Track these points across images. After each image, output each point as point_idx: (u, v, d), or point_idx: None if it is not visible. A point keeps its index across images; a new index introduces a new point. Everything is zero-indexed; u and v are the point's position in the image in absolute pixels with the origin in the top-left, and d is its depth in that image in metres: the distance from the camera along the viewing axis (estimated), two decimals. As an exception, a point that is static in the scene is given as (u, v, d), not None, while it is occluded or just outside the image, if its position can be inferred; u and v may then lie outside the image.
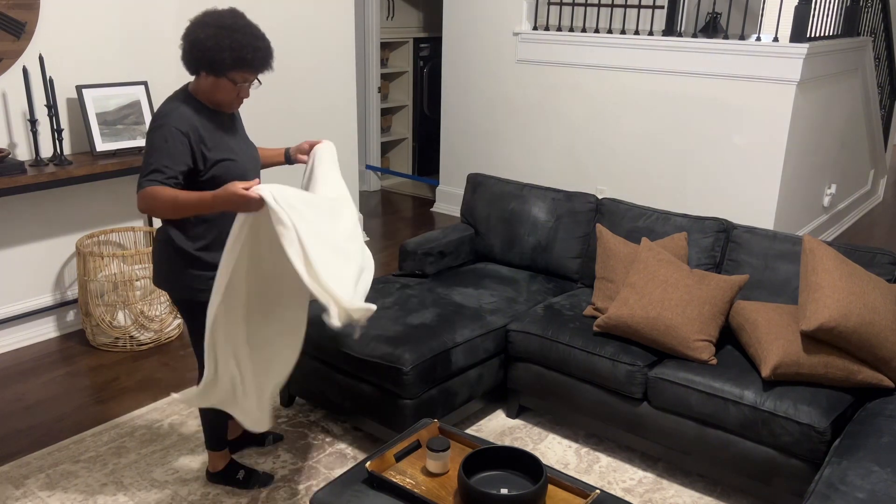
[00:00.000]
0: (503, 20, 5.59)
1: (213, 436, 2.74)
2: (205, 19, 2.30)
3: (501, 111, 5.76)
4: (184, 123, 2.31)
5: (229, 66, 2.30)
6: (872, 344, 2.53)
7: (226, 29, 2.27)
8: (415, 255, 3.60)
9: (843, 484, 2.09)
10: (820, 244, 2.68)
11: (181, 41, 2.31)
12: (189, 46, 2.29)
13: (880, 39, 6.32)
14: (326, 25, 4.97)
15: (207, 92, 2.37)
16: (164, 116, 2.32)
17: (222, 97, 2.38)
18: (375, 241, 5.59)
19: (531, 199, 3.69)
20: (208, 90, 2.37)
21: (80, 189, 3.92)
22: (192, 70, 2.34)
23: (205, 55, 2.27)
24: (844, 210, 6.24)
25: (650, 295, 2.87)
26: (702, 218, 3.29)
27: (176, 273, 2.43)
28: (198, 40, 2.27)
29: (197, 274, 2.42)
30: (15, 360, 3.69)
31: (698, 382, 2.71)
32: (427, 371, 2.84)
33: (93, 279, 3.68)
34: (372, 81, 6.70)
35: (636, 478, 2.92)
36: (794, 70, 4.43)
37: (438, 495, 2.07)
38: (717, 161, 4.83)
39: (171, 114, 2.32)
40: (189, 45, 2.29)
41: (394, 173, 7.28)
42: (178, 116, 2.32)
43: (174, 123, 2.30)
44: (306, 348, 3.07)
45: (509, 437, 3.16)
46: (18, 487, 2.77)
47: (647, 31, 5.09)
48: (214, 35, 2.26)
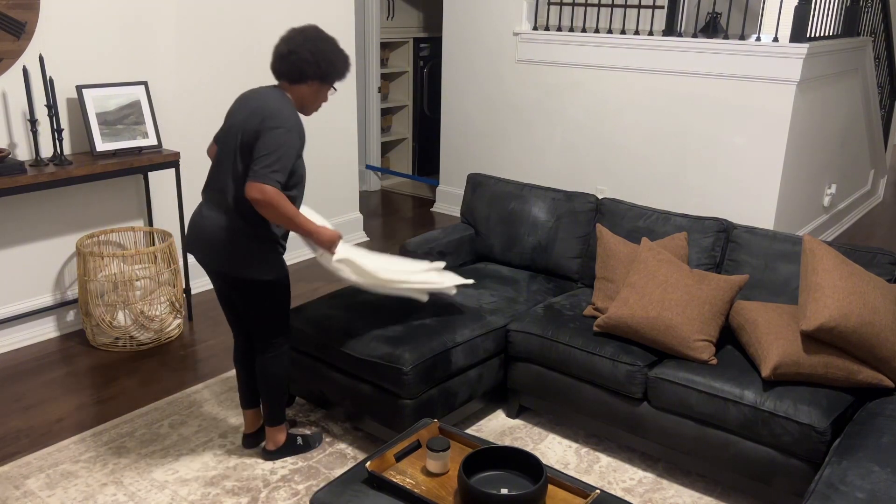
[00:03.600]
0: (503, 20, 5.59)
1: (281, 408, 2.89)
2: (320, 34, 2.62)
3: (501, 111, 5.76)
4: (302, 130, 2.58)
5: (339, 75, 2.64)
6: (872, 344, 2.53)
7: (336, 43, 2.64)
8: (415, 255, 3.60)
9: (843, 484, 2.09)
10: (820, 244, 2.68)
11: (293, 52, 2.56)
12: (313, 58, 2.56)
13: (880, 39, 6.32)
14: (326, 25, 4.95)
15: (306, 98, 2.64)
16: (291, 120, 2.53)
17: (319, 103, 2.69)
18: (375, 241, 5.60)
19: (531, 199, 3.69)
20: (307, 96, 2.64)
21: (80, 189, 3.92)
22: (299, 78, 2.59)
23: (325, 66, 2.57)
24: (844, 210, 6.24)
25: (650, 295, 2.87)
26: (702, 218, 3.29)
27: (263, 257, 2.62)
28: (322, 52, 2.57)
29: (279, 257, 2.68)
30: (15, 360, 3.69)
31: (698, 382, 2.71)
32: (427, 371, 2.84)
33: (93, 279, 3.68)
34: (372, 81, 6.70)
35: (636, 478, 2.92)
36: (794, 70, 4.43)
37: (438, 495, 2.07)
38: (717, 161, 4.83)
39: (296, 119, 2.56)
40: (313, 57, 2.56)
41: (394, 173, 7.28)
42: (300, 122, 2.58)
43: (300, 130, 2.56)
44: (306, 348, 3.08)
45: (509, 437, 3.16)
46: (18, 487, 2.77)
47: (647, 31, 5.09)
48: (333, 49, 2.60)
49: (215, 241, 2.61)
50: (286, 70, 2.59)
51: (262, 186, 2.42)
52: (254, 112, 2.54)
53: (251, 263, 2.60)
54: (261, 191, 2.43)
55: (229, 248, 2.60)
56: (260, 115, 2.51)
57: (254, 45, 4.54)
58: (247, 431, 3.02)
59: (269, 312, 2.71)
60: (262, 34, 4.56)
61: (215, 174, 2.65)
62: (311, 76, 2.58)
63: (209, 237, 2.62)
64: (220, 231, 2.59)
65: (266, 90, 2.63)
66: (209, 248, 2.63)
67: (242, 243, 2.59)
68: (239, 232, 2.58)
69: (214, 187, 2.64)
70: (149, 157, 3.83)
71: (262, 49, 4.59)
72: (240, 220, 2.58)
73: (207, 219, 2.63)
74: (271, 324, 2.74)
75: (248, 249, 2.60)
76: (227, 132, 2.62)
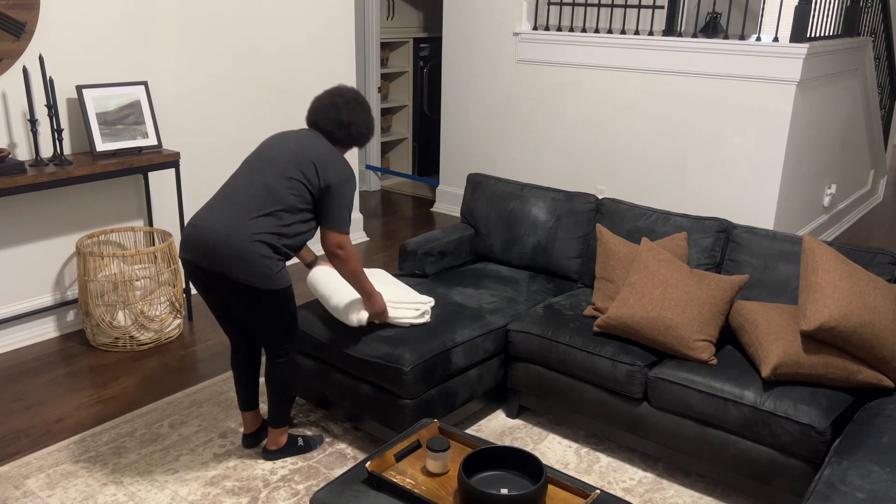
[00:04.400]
0: (503, 20, 5.59)
1: (287, 411, 2.93)
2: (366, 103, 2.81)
3: (501, 111, 5.76)
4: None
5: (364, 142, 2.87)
6: (872, 344, 2.53)
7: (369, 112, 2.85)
8: (415, 255, 3.60)
9: (843, 484, 2.09)
10: (820, 244, 2.68)
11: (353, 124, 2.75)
12: (366, 131, 2.81)
13: (880, 39, 6.32)
14: (326, 25, 4.97)
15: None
16: (351, 170, 2.73)
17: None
18: (375, 241, 5.60)
19: (531, 199, 3.69)
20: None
21: (80, 189, 3.92)
22: (345, 144, 2.81)
23: (366, 136, 2.83)
24: (844, 210, 6.24)
25: (650, 295, 2.87)
26: (702, 218, 3.29)
27: (279, 271, 2.65)
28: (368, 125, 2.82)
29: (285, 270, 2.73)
30: (15, 360, 3.69)
31: (698, 382, 2.71)
32: (427, 371, 2.84)
33: (93, 279, 3.68)
34: (372, 81, 6.70)
35: (636, 478, 2.92)
36: (794, 70, 4.43)
37: (438, 495, 2.07)
38: (717, 161, 4.84)
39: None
40: (366, 130, 2.81)
41: (394, 173, 7.28)
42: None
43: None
44: (306, 348, 3.07)
45: (509, 437, 3.16)
46: (18, 487, 2.77)
47: (647, 31, 5.09)
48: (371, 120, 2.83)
49: (236, 254, 2.57)
50: (341, 137, 2.77)
51: (344, 242, 2.69)
52: (322, 160, 2.66)
53: (273, 277, 2.61)
54: (343, 245, 2.69)
55: (255, 267, 2.57)
56: (331, 166, 2.66)
57: (254, 45, 4.54)
58: (246, 432, 3.02)
59: (282, 320, 2.74)
60: (262, 34, 4.56)
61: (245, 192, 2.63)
62: (353, 144, 2.82)
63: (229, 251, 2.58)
64: (250, 255, 2.57)
65: (321, 138, 2.75)
66: (225, 261, 2.58)
67: (265, 262, 2.59)
68: (259, 255, 2.58)
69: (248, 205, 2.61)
70: (149, 158, 3.83)
71: (262, 49, 4.60)
72: (262, 243, 2.59)
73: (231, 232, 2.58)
74: (284, 331, 2.77)
75: (269, 265, 2.60)
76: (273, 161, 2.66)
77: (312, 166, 2.64)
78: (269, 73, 4.69)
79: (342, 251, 2.69)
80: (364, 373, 2.89)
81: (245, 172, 2.70)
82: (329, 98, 2.76)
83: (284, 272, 2.66)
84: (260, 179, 2.64)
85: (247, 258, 2.56)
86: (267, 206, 2.60)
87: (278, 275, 2.62)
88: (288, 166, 2.63)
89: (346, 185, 2.67)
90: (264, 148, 2.75)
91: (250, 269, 2.57)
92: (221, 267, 2.58)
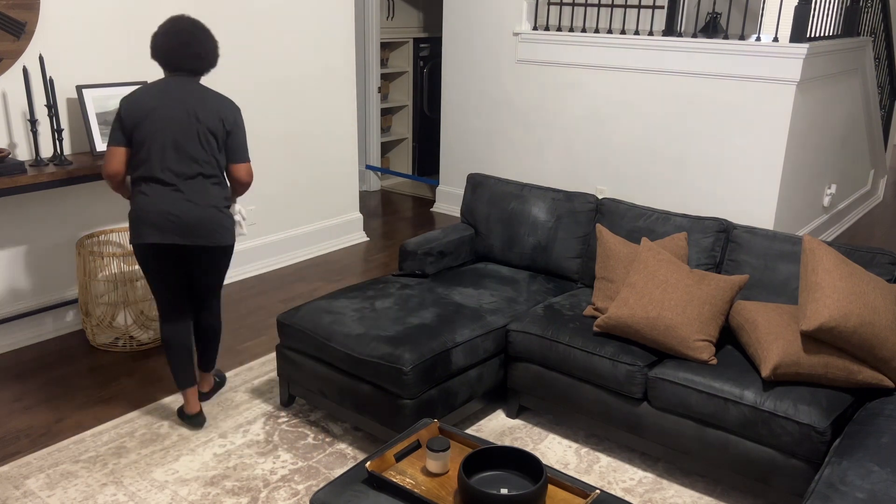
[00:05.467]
0: (503, 20, 5.59)
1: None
2: (204, 25, 2.94)
3: (501, 111, 5.76)
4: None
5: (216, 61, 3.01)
6: (872, 344, 2.53)
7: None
8: (415, 255, 3.60)
9: (843, 484, 2.09)
10: (820, 244, 2.68)
11: (210, 52, 2.91)
12: (218, 51, 2.96)
13: (880, 39, 6.32)
14: (326, 25, 4.98)
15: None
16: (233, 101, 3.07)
17: None
18: (375, 241, 5.60)
19: (531, 199, 3.69)
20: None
21: (80, 189, 3.92)
22: (204, 73, 2.96)
23: (216, 56, 2.98)
24: (844, 210, 6.24)
25: (650, 295, 2.87)
26: (702, 218, 3.29)
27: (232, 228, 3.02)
28: (216, 44, 2.95)
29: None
30: (15, 360, 3.69)
31: (698, 382, 2.71)
32: (427, 371, 2.84)
33: (93, 279, 3.68)
34: (372, 81, 6.70)
35: (636, 478, 2.92)
36: (794, 70, 4.43)
37: (438, 495, 2.07)
38: (717, 161, 4.84)
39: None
40: (217, 49, 2.95)
41: (394, 173, 7.28)
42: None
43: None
44: (306, 348, 3.07)
45: (509, 437, 3.16)
46: (18, 487, 2.77)
47: (647, 31, 5.09)
48: (213, 39, 2.97)
49: (206, 218, 2.89)
50: (205, 68, 2.91)
51: (250, 170, 2.98)
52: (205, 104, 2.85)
53: (231, 234, 3.00)
54: (250, 173, 2.98)
55: (218, 224, 2.93)
56: (218, 107, 2.87)
57: (254, 44, 4.54)
58: (195, 411, 3.13)
59: (225, 271, 3.12)
60: (262, 34, 4.56)
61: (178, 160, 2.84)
62: (207, 70, 2.95)
63: (200, 216, 2.88)
64: (213, 211, 2.91)
65: (191, 82, 2.89)
66: (200, 227, 2.88)
67: (228, 218, 2.98)
68: (219, 209, 2.93)
69: (186, 172, 2.85)
70: (149, 157, 3.83)
71: (261, 49, 4.59)
72: (221, 201, 2.94)
73: (195, 200, 2.87)
74: (222, 281, 3.13)
75: (229, 222, 2.99)
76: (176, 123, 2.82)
77: (214, 112, 2.86)
78: (269, 73, 4.69)
79: (251, 179, 3.00)
80: (364, 373, 2.89)
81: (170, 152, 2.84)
82: (175, 38, 2.82)
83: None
84: (189, 148, 2.84)
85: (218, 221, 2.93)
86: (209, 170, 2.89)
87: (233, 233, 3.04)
88: (202, 133, 2.85)
89: (240, 118, 2.94)
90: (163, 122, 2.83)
91: (222, 230, 2.95)
92: (198, 237, 2.89)
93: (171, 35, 2.81)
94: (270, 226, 4.96)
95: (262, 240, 4.90)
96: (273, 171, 4.88)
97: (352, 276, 4.88)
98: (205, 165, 2.86)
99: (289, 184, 5.00)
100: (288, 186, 5.00)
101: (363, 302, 3.20)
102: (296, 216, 5.11)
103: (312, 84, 4.97)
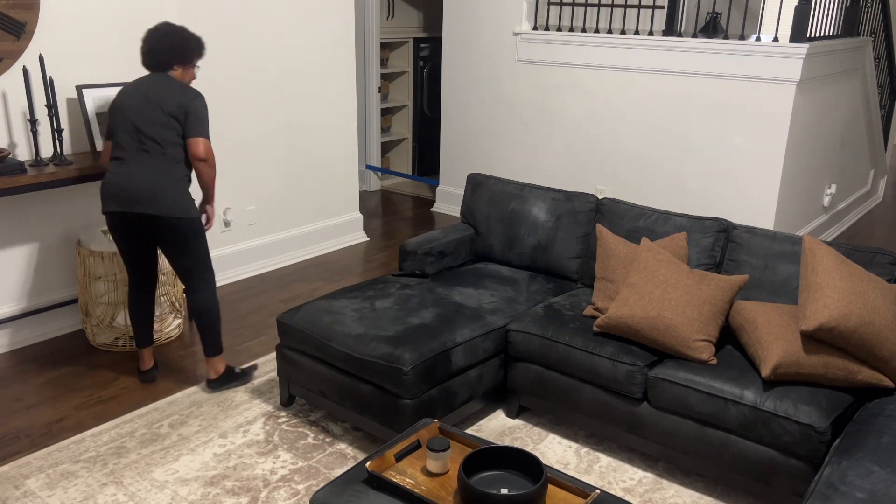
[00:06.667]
0: (503, 20, 5.59)
1: (219, 338, 3.38)
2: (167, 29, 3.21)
3: (501, 111, 5.76)
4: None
5: (192, 59, 3.28)
6: (872, 344, 2.53)
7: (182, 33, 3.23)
8: (415, 255, 3.60)
9: (843, 484, 2.09)
10: (820, 244, 2.68)
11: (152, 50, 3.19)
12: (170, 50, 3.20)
13: (880, 39, 6.32)
14: (326, 25, 4.98)
15: (181, 78, 3.27)
16: (196, 89, 3.19)
17: (190, 79, 3.32)
18: (375, 241, 5.60)
19: (531, 199, 3.69)
20: (181, 77, 3.27)
21: (81, 189, 3.92)
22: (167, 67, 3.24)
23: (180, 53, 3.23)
24: (844, 210, 6.24)
25: (650, 295, 2.87)
26: (702, 218, 3.29)
27: (191, 200, 3.21)
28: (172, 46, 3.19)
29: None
30: (15, 360, 3.69)
31: (698, 382, 2.71)
32: (427, 371, 2.84)
33: (93, 279, 3.67)
34: (372, 81, 6.70)
35: (636, 478, 2.92)
36: (794, 70, 4.43)
37: (438, 495, 2.07)
38: (717, 161, 4.84)
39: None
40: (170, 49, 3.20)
41: (394, 173, 7.28)
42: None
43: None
44: (306, 348, 3.08)
45: (509, 437, 3.16)
46: (18, 487, 2.77)
47: (647, 31, 5.09)
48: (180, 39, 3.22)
49: (152, 187, 3.11)
50: (156, 63, 3.21)
51: (208, 149, 3.15)
52: (163, 91, 3.14)
53: (189, 206, 3.17)
54: (209, 152, 3.15)
55: (171, 194, 3.13)
56: (175, 92, 3.14)
57: (254, 45, 4.54)
58: (143, 368, 3.49)
59: (199, 248, 3.24)
60: (262, 34, 4.56)
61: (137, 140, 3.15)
62: (175, 63, 3.22)
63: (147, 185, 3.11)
64: (170, 183, 3.13)
65: (155, 76, 3.21)
66: (144, 196, 3.10)
67: (182, 190, 3.17)
68: (180, 180, 3.16)
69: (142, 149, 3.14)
70: (149, 157, 3.83)
71: (261, 49, 4.59)
72: (183, 172, 3.18)
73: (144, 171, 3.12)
74: (201, 259, 3.26)
75: (186, 194, 3.17)
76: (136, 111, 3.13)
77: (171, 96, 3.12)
78: (269, 73, 4.69)
79: (210, 157, 3.16)
80: (364, 373, 2.89)
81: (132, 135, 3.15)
82: (145, 44, 3.19)
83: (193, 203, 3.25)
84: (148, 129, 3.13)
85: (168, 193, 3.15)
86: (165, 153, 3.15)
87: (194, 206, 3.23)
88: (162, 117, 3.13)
89: (198, 101, 3.15)
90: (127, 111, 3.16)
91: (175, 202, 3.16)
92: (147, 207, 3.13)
93: (144, 42, 3.21)
94: (270, 226, 4.96)
95: (262, 240, 4.90)
96: (273, 171, 4.88)
97: (352, 276, 4.88)
98: (164, 145, 3.14)
99: (289, 184, 5.00)
100: (288, 186, 5.00)
101: (363, 302, 3.20)
102: (296, 216, 5.11)
103: (312, 84, 4.97)
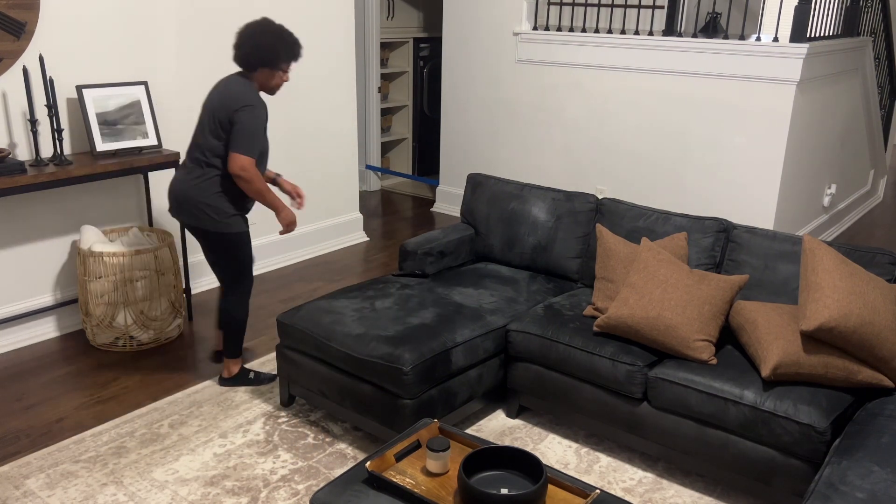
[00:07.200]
0: (503, 20, 5.59)
1: (235, 344, 3.43)
2: (265, 27, 3.12)
3: (501, 111, 5.76)
4: (265, 106, 3.13)
5: (284, 61, 3.14)
6: (872, 344, 2.53)
7: (280, 34, 3.13)
8: (415, 255, 3.60)
9: (843, 484, 2.09)
10: (820, 244, 2.68)
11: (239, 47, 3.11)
12: (255, 51, 3.08)
13: (880, 39, 6.32)
14: (326, 25, 4.97)
15: (263, 81, 3.16)
16: (256, 99, 3.09)
17: (277, 83, 3.20)
18: (375, 241, 5.60)
19: (531, 199, 3.69)
20: (264, 80, 3.15)
21: (80, 189, 3.92)
22: (251, 67, 3.12)
23: (267, 55, 3.09)
24: (844, 210, 6.24)
25: (650, 295, 2.87)
26: (702, 218, 3.29)
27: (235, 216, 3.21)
28: (261, 45, 3.08)
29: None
30: (15, 360, 3.69)
31: (698, 382, 2.71)
32: (427, 371, 2.84)
33: (93, 279, 3.68)
34: (372, 81, 6.70)
35: (636, 478, 2.92)
36: (794, 70, 4.43)
37: (438, 495, 2.07)
38: (717, 161, 4.84)
39: (259, 98, 3.11)
40: (255, 50, 3.08)
41: (394, 173, 7.28)
42: (262, 100, 3.12)
43: (264, 108, 3.11)
44: (306, 348, 3.08)
45: (509, 437, 3.16)
46: (18, 487, 2.77)
47: (647, 31, 5.09)
48: (274, 40, 3.10)
49: (188, 199, 3.17)
50: (240, 62, 3.13)
51: (245, 164, 3.02)
52: (223, 95, 3.10)
53: (229, 220, 3.18)
54: (243, 167, 3.03)
55: (211, 208, 3.15)
56: (229, 99, 3.06)
57: (254, 45, 4.53)
58: (216, 349, 3.68)
59: (231, 260, 3.28)
60: (262, 34, 4.56)
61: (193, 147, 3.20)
62: (259, 65, 3.10)
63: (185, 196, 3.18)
64: (195, 190, 3.15)
65: (232, 77, 3.17)
66: (182, 205, 3.19)
67: (223, 203, 3.16)
68: (218, 194, 3.15)
69: (193, 157, 3.19)
70: (149, 158, 3.83)
71: (262, 49, 4.59)
72: (219, 185, 3.14)
73: (187, 181, 3.17)
74: (234, 270, 3.31)
75: (225, 209, 3.17)
76: (203, 114, 3.17)
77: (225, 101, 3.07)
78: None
79: (245, 173, 3.04)
80: (364, 373, 2.89)
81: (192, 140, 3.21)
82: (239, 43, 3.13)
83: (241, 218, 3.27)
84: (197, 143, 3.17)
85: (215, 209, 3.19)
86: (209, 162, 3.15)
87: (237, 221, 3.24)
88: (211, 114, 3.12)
89: (244, 113, 3.03)
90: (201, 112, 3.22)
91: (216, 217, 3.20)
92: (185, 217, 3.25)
93: (236, 37, 3.14)
94: (270, 226, 4.96)
95: (262, 240, 4.90)
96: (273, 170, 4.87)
97: (352, 276, 4.88)
98: (208, 154, 3.13)
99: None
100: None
101: (363, 302, 3.21)
102: (296, 216, 5.10)
103: (312, 84, 4.97)
